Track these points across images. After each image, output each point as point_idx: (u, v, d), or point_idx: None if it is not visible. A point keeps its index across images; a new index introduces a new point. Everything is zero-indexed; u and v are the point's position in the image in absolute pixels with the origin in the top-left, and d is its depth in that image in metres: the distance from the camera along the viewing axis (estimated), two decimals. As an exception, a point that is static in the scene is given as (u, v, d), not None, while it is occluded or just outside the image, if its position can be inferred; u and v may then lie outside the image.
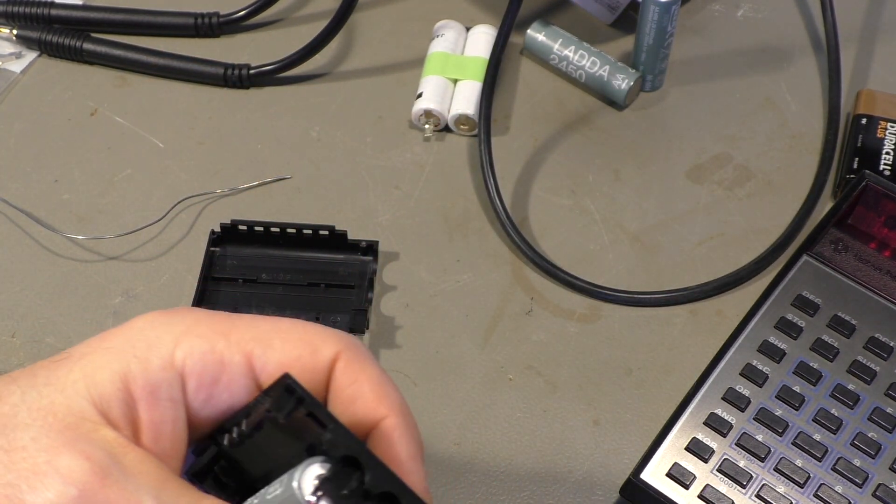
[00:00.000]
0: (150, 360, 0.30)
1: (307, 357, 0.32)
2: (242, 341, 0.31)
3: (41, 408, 0.30)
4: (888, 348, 0.47)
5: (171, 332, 0.31)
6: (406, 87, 0.60)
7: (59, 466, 0.28)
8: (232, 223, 0.52)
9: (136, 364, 0.30)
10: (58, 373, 0.30)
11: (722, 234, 0.54)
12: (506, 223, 0.53)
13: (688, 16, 0.63)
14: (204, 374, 0.31)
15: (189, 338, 0.31)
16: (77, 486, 0.28)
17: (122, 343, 0.31)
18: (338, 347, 0.32)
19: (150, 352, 0.31)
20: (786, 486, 0.43)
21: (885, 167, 0.54)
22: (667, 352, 0.50)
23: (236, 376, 0.31)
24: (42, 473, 0.28)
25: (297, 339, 0.32)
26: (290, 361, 0.31)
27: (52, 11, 0.62)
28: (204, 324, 0.32)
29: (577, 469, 0.46)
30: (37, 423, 0.29)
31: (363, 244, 0.52)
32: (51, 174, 0.56)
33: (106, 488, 0.28)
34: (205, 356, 0.31)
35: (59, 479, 0.28)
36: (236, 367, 0.31)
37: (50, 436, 0.29)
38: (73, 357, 0.31)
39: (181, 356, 0.31)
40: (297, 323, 0.33)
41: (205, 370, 0.31)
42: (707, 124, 0.59)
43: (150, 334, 0.31)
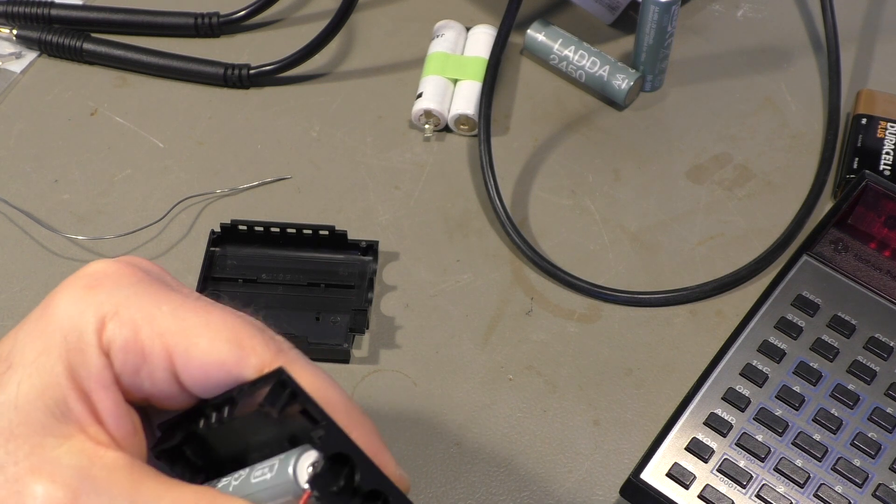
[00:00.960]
0: (87, 350, 0.30)
1: (232, 365, 0.30)
2: (167, 333, 0.30)
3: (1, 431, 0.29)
4: (888, 348, 0.47)
5: (96, 313, 0.30)
6: (406, 87, 0.60)
7: (29, 497, 0.28)
8: (232, 223, 0.52)
9: (76, 356, 0.30)
10: (8, 387, 0.30)
11: (722, 234, 0.54)
12: (506, 223, 0.53)
13: (688, 16, 0.63)
14: (126, 363, 0.30)
15: (114, 322, 0.30)
16: None
17: (55, 335, 0.30)
18: (265, 358, 0.30)
19: (82, 340, 0.30)
20: (786, 486, 0.43)
21: (885, 167, 0.54)
22: (667, 352, 0.50)
23: (156, 370, 0.30)
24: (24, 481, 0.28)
25: (225, 341, 0.30)
26: (212, 367, 0.30)
27: (52, 11, 0.62)
28: (131, 306, 0.30)
29: (577, 469, 0.46)
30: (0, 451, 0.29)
31: (363, 244, 0.52)
32: (51, 174, 0.56)
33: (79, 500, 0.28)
34: (127, 345, 0.30)
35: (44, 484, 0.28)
36: (157, 361, 0.30)
37: (16, 462, 0.29)
38: (15, 365, 0.30)
39: (106, 341, 0.30)
40: (228, 318, 0.31)
41: (126, 360, 0.30)
42: (707, 124, 0.59)
43: (77, 319, 0.30)
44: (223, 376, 0.30)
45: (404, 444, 0.47)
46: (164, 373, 0.30)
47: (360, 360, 0.50)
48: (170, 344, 0.30)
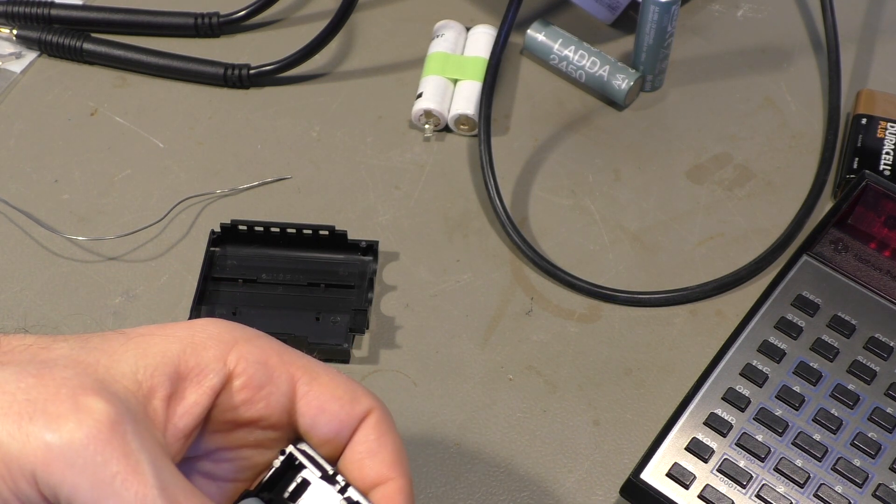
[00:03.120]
0: (207, 349, 0.32)
1: (346, 400, 0.34)
2: (293, 365, 0.34)
3: (83, 361, 0.31)
4: (888, 348, 0.47)
5: (231, 334, 0.33)
6: (406, 87, 0.60)
7: (80, 401, 0.29)
8: (232, 223, 0.52)
9: (192, 349, 0.32)
10: (111, 342, 0.32)
11: (722, 234, 0.54)
12: (506, 223, 0.53)
13: (688, 16, 0.63)
14: (252, 377, 0.33)
15: (247, 345, 0.33)
16: (89, 424, 0.29)
17: (184, 333, 0.33)
18: (373, 405, 0.34)
19: (208, 342, 0.32)
20: (786, 486, 0.43)
21: (885, 167, 0.54)
22: (667, 352, 0.50)
23: (276, 392, 0.33)
24: (62, 400, 0.29)
25: (342, 383, 0.34)
26: (330, 399, 0.34)
27: (52, 11, 0.62)
28: (263, 339, 0.34)
29: (577, 469, 0.46)
30: (75, 369, 0.30)
31: (363, 244, 0.52)
32: (51, 174, 0.56)
33: (114, 436, 0.29)
34: (257, 364, 0.33)
35: (76, 412, 0.29)
36: (281, 384, 0.33)
37: (82, 379, 0.30)
38: (130, 334, 0.32)
39: (235, 357, 0.33)
40: (341, 372, 0.35)
41: (254, 374, 0.33)
42: (707, 124, 0.59)
43: (212, 330, 0.33)
44: (335, 412, 0.34)
45: (404, 444, 0.47)
46: (283, 398, 0.33)
47: (360, 360, 0.50)
48: (295, 374, 0.33)
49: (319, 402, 0.34)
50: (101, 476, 0.29)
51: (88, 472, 0.28)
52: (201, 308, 0.50)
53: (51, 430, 0.29)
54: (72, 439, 0.29)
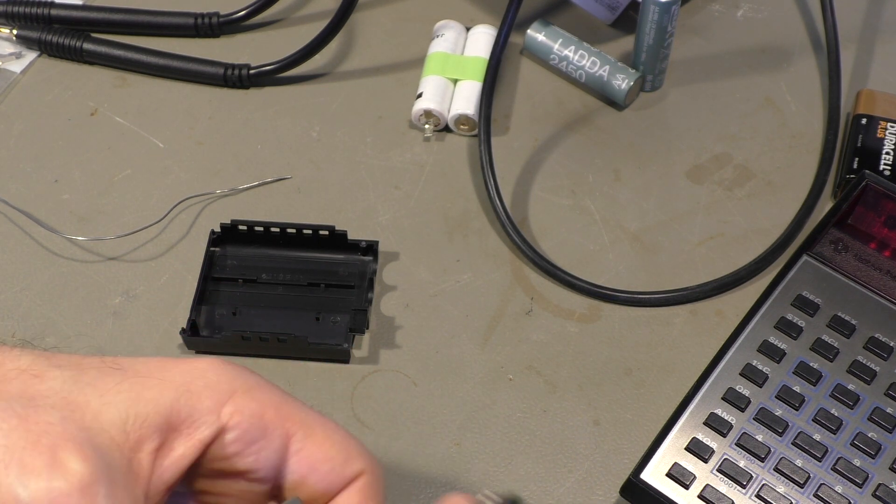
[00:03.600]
0: (202, 399, 0.32)
1: (338, 461, 0.34)
2: (290, 420, 0.33)
3: (73, 401, 0.30)
4: (888, 348, 0.47)
5: (230, 384, 0.33)
6: (406, 87, 0.60)
7: (57, 456, 0.29)
8: (232, 223, 0.52)
9: (186, 398, 0.32)
10: (106, 380, 0.31)
11: (722, 234, 0.54)
12: (506, 223, 0.53)
13: (688, 16, 0.63)
14: (246, 432, 0.32)
15: (244, 397, 0.33)
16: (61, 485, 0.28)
17: (181, 379, 0.32)
18: (365, 467, 0.34)
19: (204, 391, 0.32)
20: (786, 486, 0.43)
21: (885, 167, 0.54)
22: (667, 352, 0.50)
23: (269, 448, 0.33)
24: (40, 452, 0.29)
25: (337, 441, 0.34)
26: (322, 458, 0.33)
27: (52, 11, 0.62)
28: (263, 390, 0.33)
29: (577, 469, 0.46)
30: (62, 412, 0.30)
31: (363, 244, 0.52)
32: (51, 174, 0.56)
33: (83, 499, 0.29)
34: (253, 418, 0.32)
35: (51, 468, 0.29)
36: (275, 440, 0.33)
37: (66, 427, 0.29)
38: (128, 372, 0.32)
39: (230, 410, 0.32)
40: (339, 427, 0.35)
41: (249, 429, 0.32)
42: (707, 124, 0.59)
43: (210, 377, 0.32)
44: (325, 472, 0.33)
45: (404, 444, 0.47)
46: (275, 454, 0.33)
47: (360, 360, 0.50)
48: (290, 429, 0.33)
49: (311, 462, 0.33)
50: None
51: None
52: (201, 308, 0.50)
53: (22, 483, 0.28)
54: (39, 498, 0.28)
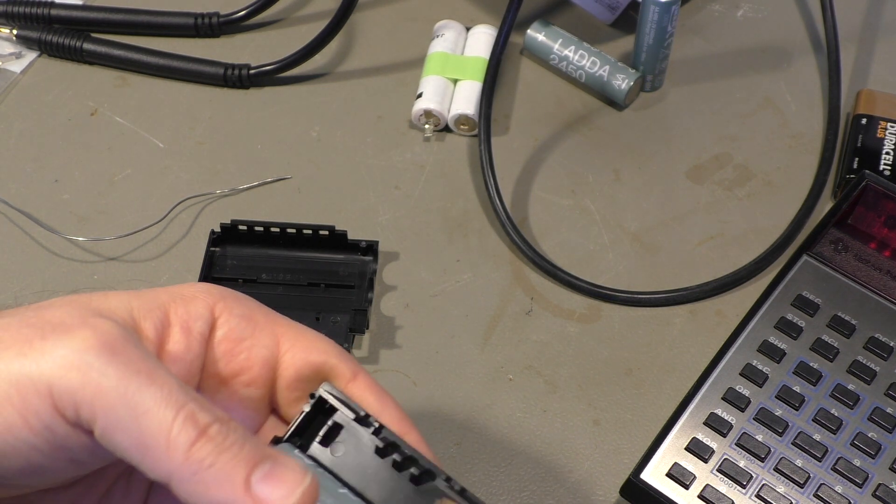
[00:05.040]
0: (195, 300, 0.32)
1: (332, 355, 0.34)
2: (278, 324, 0.33)
3: (77, 301, 0.31)
4: (888, 348, 0.47)
5: (219, 292, 0.33)
6: (406, 87, 0.60)
7: (85, 320, 0.29)
8: (232, 223, 0.52)
9: (181, 300, 0.32)
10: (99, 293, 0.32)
11: (722, 234, 0.54)
12: (506, 223, 0.53)
13: (688, 16, 0.63)
14: (234, 329, 0.33)
15: (233, 300, 0.33)
16: (103, 332, 0.29)
17: (174, 287, 0.33)
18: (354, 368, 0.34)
19: (195, 295, 0.33)
20: (786, 486, 0.43)
21: (885, 167, 0.54)
22: (667, 352, 0.50)
23: (259, 344, 0.33)
24: (70, 320, 0.29)
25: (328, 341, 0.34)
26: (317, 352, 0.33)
27: (52, 11, 0.62)
28: (251, 300, 0.34)
29: (577, 469, 0.46)
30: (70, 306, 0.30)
31: (363, 244, 0.52)
32: (51, 174, 0.56)
33: (127, 343, 0.29)
34: (241, 317, 0.33)
35: (86, 326, 0.29)
36: (264, 337, 0.33)
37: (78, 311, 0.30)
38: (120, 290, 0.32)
39: (220, 309, 0.33)
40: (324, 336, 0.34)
41: (236, 327, 0.33)
42: (707, 124, 0.59)
43: (200, 287, 0.33)
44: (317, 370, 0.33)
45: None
46: (265, 350, 0.33)
47: (360, 360, 0.50)
48: (279, 331, 0.33)
49: (306, 356, 0.33)
50: (122, 377, 0.28)
51: (110, 372, 0.28)
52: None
53: (66, 341, 0.28)
54: (89, 346, 0.28)
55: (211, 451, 0.28)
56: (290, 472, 0.28)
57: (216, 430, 0.28)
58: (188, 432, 0.28)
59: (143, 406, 0.28)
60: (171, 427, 0.28)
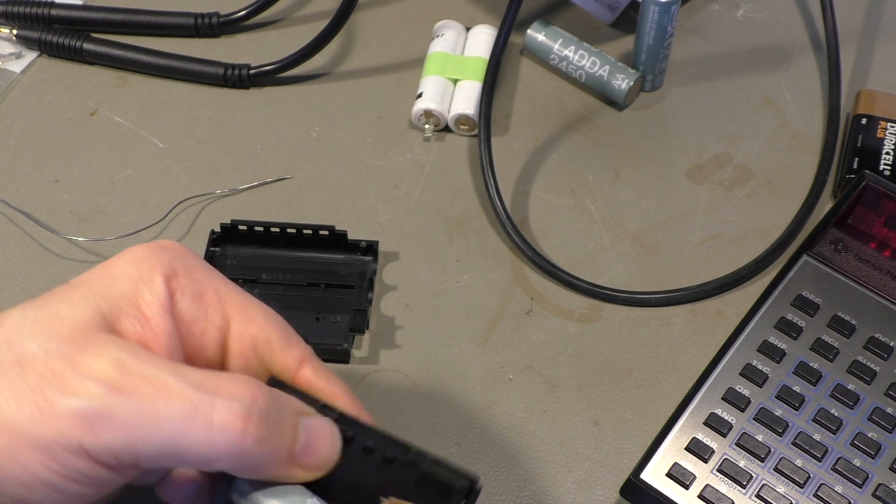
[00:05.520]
0: (155, 281, 0.32)
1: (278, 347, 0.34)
2: (229, 301, 0.33)
3: (44, 319, 0.30)
4: (888, 348, 0.47)
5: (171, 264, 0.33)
6: (406, 87, 0.60)
7: (79, 368, 0.29)
8: (232, 223, 0.52)
9: (143, 285, 0.32)
10: (63, 293, 0.32)
11: (722, 234, 0.54)
12: (506, 223, 0.53)
13: (688, 16, 0.63)
14: (187, 311, 0.33)
15: (185, 276, 0.33)
16: (102, 382, 0.29)
17: (127, 269, 0.32)
18: (303, 353, 0.35)
19: (153, 273, 0.32)
20: (786, 486, 0.43)
21: (885, 167, 0.54)
22: (667, 352, 0.50)
23: (211, 327, 0.33)
24: (63, 377, 0.29)
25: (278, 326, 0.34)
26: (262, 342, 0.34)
27: (52, 11, 0.62)
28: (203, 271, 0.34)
29: (577, 469, 0.46)
30: (42, 333, 0.30)
31: (363, 244, 0.52)
32: (51, 174, 0.56)
33: (128, 376, 0.29)
34: (194, 295, 0.33)
35: (83, 379, 0.29)
36: (215, 319, 0.33)
37: (59, 343, 0.30)
38: (77, 282, 0.32)
39: (174, 285, 0.33)
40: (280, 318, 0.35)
41: (189, 308, 0.33)
42: (707, 124, 0.59)
43: (153, 261, 0.33)
44: (266, 355, 0.34)
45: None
46: (217, 332, 0.33)
47: (360, 360, 0.50)
48: (230, 311, 0.33)
49: (252, 344, 0.34)
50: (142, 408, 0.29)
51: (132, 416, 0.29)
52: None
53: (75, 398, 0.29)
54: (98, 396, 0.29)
55: (256, 438, 0.30)
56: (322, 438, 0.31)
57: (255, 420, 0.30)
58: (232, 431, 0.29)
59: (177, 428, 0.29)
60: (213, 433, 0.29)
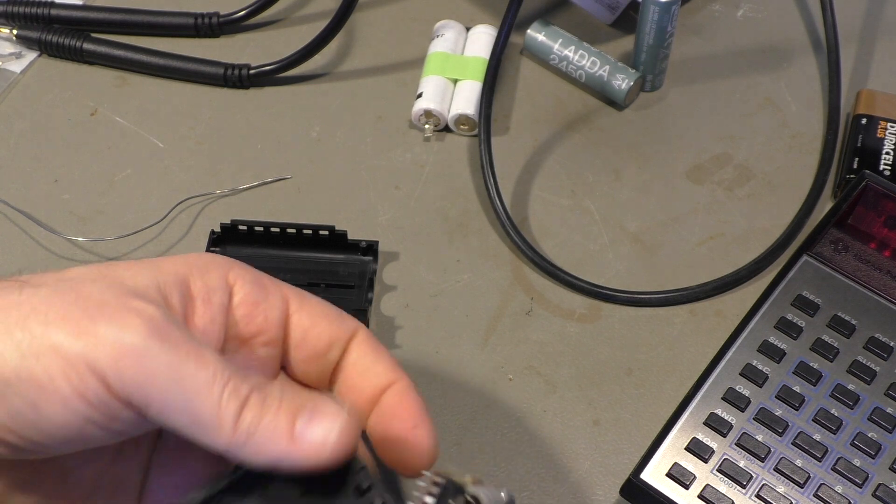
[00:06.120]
0: (209, 271, 0.34)
1: (334, 316, 0.36)
2: (284, 287, 0.36)
3: (107, 275, 0.32)
4: (888, 348, 0.47)
5: (227, 261, 0.35)
6: (406, 87, 0.60)
7: (129, 306, 0.30)
8: (232, 223, 0.52)
9: (197, 271, 0.34)
10: (120, 265, 0.33)
11: (722, 234, 0.54)
12: (506, 223, 0.53)
13: (688, 16, 0.63)
14: (249, 294, 0.35)
15: (241, 269, 0.35)
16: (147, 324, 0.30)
17: (184, 258, 0.34)
18: (358, 325, 0.36)
19: (209, 265, 0.34)
20: (786, 486, 0.43)
21: (885, 167, 0.54)
22: (667, 352, 0.50)
23: (273, 306, 0.35)
24: (113, 308, 0.30)
25: (329, 306, 0.36)
26: (320, 316, 0.36)
27: (52, 11, 0.62)
28: (253, 269, 0.36)
29: (577, 469, 0.46)
30: (103, 282, 0.31)
31: (363, 244, 0.52)
32: (51, 174, 0.56)
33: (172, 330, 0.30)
34: (253, 283, 0.35)
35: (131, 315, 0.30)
36: (276, 300, 0.35)
37: (115, 289, 0.31)
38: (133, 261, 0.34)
39: (234, 276, 0.35)
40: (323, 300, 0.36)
41: (251, 291, 0.35)
42: (707, 124, 0.59)
43: (209, 257, 0.35)
44: (325, 326, 0.35)
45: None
46: (278, 311, 0.35)
47: (360, 360, 0.50)
48: (287, 294, 0.35)
49: (311, 318, 0.35)
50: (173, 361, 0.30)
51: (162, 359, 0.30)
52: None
53: (115, 327, 0.30)
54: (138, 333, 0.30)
55: (253, 417, 0.30)
56: (327, 414, 0.31)
57: (255, 397, 0.31)
58: (233, 406, 0.30)
59: (195, 388, 0.30)
60: (219, 404, 0.30)
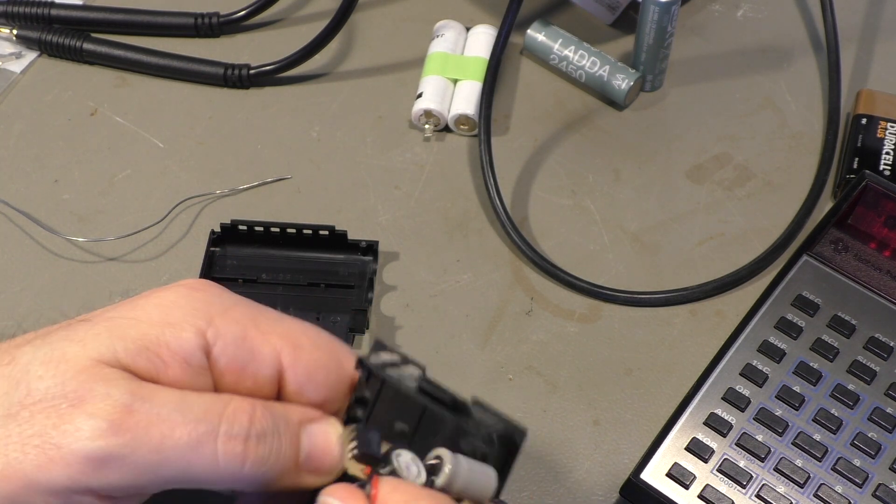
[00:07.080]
0: (184, 331, 0.31)
1: (332, 367, 0.33)
2: (273, 335, 0.33)
3: (53, 359, 0.30)
4: (888, 348, 0.47)
5: (205, 310, 0.32)
6: (406, 87, 0.60)
7: (84, 409, 0.29)
8: (232, 223, 0.52)
9: (170, 332, 0.31)
10: (77, 329, 0.31)
11: (722, 234, 0.54)
12: (506, 223, 0.53)
13: (688, 16, 0.63)
14: (235, 358, 0.32)
15: (223, 321, 0.32)
16: (105, 419, 0.29)
17: (153, 313, 0.32)
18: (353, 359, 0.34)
19: (184, 322, 0.31)
20: (786, 486, 0.43)
21: (885, 167, 0.54)
22: (667, 352, 0.50)
23: (263, 367, 0.32)
24: (67, 417, 0.29)
25: (324, 347, 0.33)
26: (316, 368, 0.33)
27: (52, 11, 0.62)
28: (239, 308, 0.33)
29: (577, 469, 0.46)
30: (49, 373, 0.30)
31: (363, 244, 0.52)
32: (51, 174, 0.56)
33: (133, 415, 0.29)
34: (237, 341, 0.32)
35: (86, 417, 0.29)
36: (265, 360, 0.32)
37: (65, 383, 0.30)
38: (96, 318, 0.32)
39: (213, 335, 0.32)
40: (323, 332, 0.34)
41: (236, 355, 0.32)
42: (707, 124, 0.59)
43: (185, 308, 0.32)
44: (322, 380, 0.33)
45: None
46: (270, 370, 0.32)
47: (360, 360, 0.50)
48: (277, 345, 0.32)
49: (306, 372, 0.33)
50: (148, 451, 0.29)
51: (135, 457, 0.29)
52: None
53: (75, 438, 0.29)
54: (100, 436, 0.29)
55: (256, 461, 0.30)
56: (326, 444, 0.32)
57: (253, 443, 0.30)
58: (233, 455, 0.30)
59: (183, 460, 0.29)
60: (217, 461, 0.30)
